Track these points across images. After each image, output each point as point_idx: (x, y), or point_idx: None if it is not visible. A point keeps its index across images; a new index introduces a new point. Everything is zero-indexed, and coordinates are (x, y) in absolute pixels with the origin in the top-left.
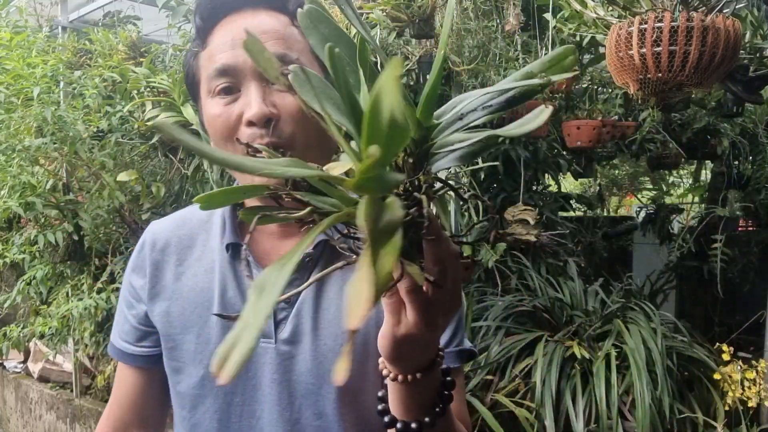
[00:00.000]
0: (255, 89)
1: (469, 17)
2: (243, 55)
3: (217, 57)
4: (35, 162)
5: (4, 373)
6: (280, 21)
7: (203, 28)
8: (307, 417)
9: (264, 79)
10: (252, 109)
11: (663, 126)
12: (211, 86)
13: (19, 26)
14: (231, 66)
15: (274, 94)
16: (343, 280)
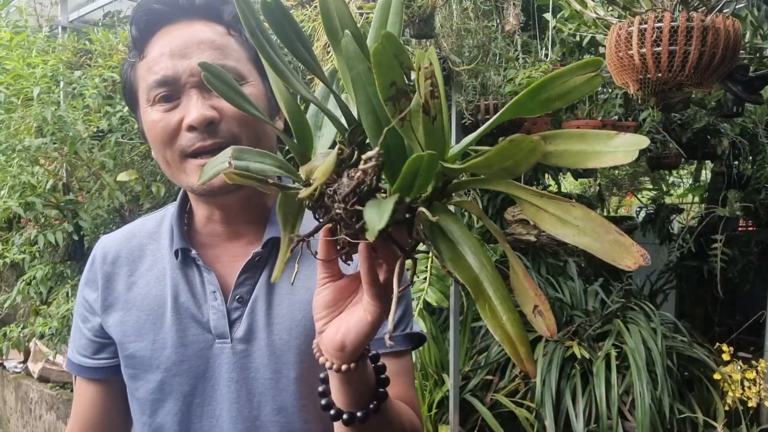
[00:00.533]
0: (195, 95)
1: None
2: (182, 65)
3: (156, 68)
4: (35, 162)
5: (4, 373)
6: (215, 31)
7: (140, 39)
8: (267, 413)
9: (203, 85)
10: (192, 115)
11: (663, 126)
12: (151, 95)
13: (19, 26)
14: (170, 76)
15: (213, 99)
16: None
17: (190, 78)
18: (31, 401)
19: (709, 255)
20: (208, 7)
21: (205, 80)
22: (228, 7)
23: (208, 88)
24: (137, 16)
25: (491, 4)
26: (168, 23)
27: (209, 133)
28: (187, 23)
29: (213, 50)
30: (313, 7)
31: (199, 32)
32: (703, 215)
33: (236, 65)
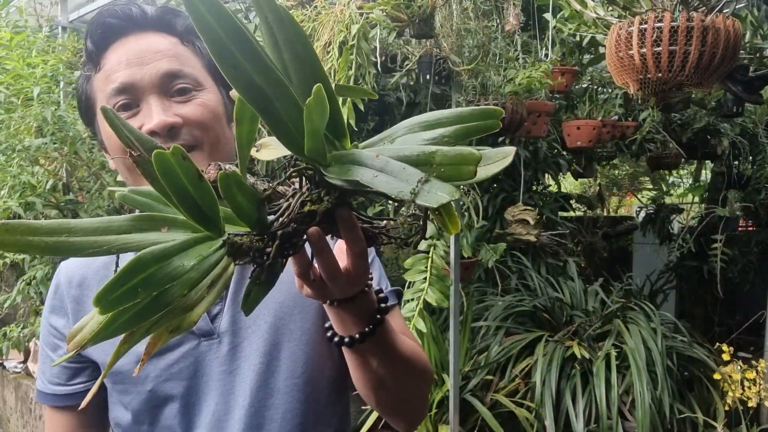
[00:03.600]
0: (155, 102)
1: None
2: (139, 73)
3: (113, 76)
4: (35, 162)
5: (4, 373)
6: (169, 41)
7: (95, 52)
8: (260, 399)
9: (162, 92)
10: (153, 121)
11: (663, 126)
12: (110, 104)
13: (19, 26)
14: (129, 83)
15: (174, 106)
16: None
17: (148, 85)
18: (31, 401)
19: (709, 255)
20: (160, 20)
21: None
22: (179, 19)
23: (167, 93)
24: (92, 30)
25: (491, 4)
26: (122, 36)
27: (171, 137)
28: (141, 35)
29: (169, 58)
30: (312, 7)
31: (153, 42)
32: (703, 215)
33: (193, 72)
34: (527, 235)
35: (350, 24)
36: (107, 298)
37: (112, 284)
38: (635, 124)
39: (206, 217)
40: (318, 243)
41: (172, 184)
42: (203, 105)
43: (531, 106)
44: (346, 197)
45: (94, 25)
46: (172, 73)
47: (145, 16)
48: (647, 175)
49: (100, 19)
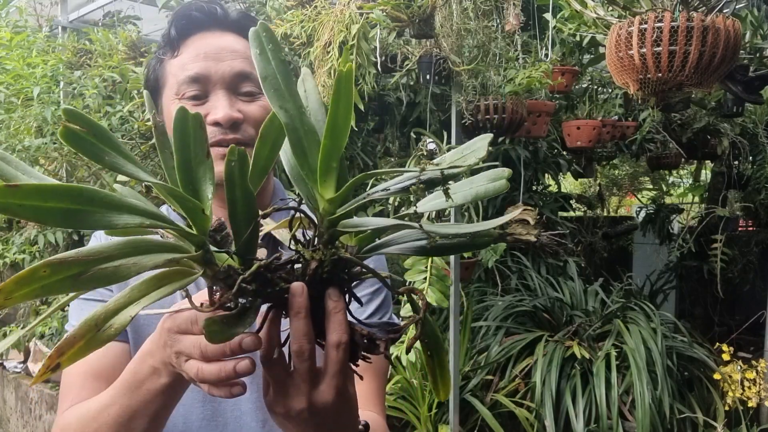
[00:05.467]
0: (223, 96)
1: (469, 17)
2: (214, 68)
3: (189, 66)
4: (35, 162)
5: (4, 373)
6: (244, 44)
7: (176, 39)
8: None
9: (231, 89)
10: (219, 113)
11: (663, 126)
12: (180, 91)
13: (19, 26)
14: (203, 75)
15: (239, 103)
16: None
17: (220, 80)
18: (31, 401)
19: (709, 255)
20: (238, 23)
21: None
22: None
23: (235, 91)
24: (177, 19)
25: (491, 4)
26: (203, 30)
27: (231, 130)
28: (220, 33)
29: (243, 59)
30: (312, 7)
31: (231, 42)
32: (703, 215)
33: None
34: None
35: (350, 24)
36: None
37: (40, 189)
38: (635, 124)
39: (196, 193)
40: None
41: (180, 144)
42: (264, 108)
43: (531, 106)
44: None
45: (180, 14)
46: (243, 74)
47: (227, 17)
48: (647, 175)
49: (186, 11)
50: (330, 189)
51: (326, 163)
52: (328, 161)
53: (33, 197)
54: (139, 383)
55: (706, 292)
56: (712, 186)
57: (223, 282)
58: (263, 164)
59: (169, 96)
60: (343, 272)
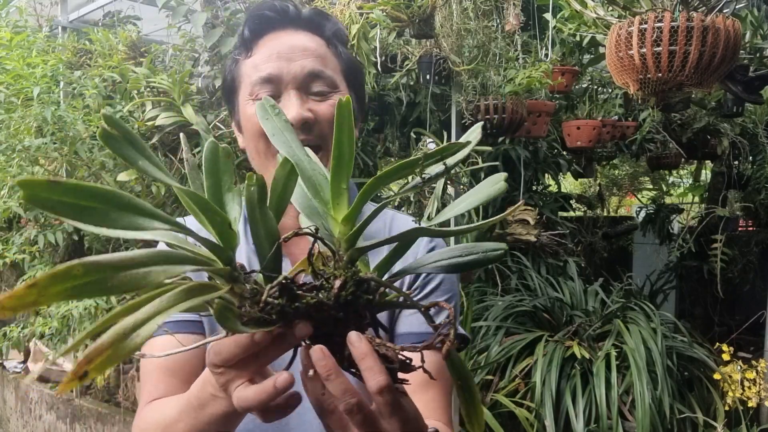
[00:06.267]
0: (295, 97)
1: (469, 17)
2: (286, 68)
3: (262, 66)
4: (35, 162)
5: (4, 373)
6: (317, 42)
7: (250, 39)
8: None
9: (303, 88)
10: (291, 113)
11: (663, 126)
12: (254, 91)
13: (19, 26)
14: (275, 75)
15: (310, 102)
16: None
17: (292, 80)
18: (31, 401)
19: (709, 255)
20: (311, 21)
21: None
22: (328, 23)
23: (306, 90)
24: (250, 20)
25: (491, 4)
26: (276, 29)
27: (303, 131)
28: (293, 31)
29: (315, 57)
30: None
31: (303, 40)
32: (703, 215)
33: (332, 74)
34: (527, 235)
35: (350, 24)
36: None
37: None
38: (635, 124)
39: (223, 220)
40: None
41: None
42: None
43: (531, 106)
44: (363, 288)
45: (253, 15)
46: (315, 73)
47: (299, 15)
48: (647, 175)
49: (259, 11)
50: (343, 209)
51: (336, 185)
52: (338, 184)
53: (72, 195)
54: (201, 406)
55: (706, 292)
56: (712, 186)
57: (250, 300)
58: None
59: (244, 96)
60: (366, 295)
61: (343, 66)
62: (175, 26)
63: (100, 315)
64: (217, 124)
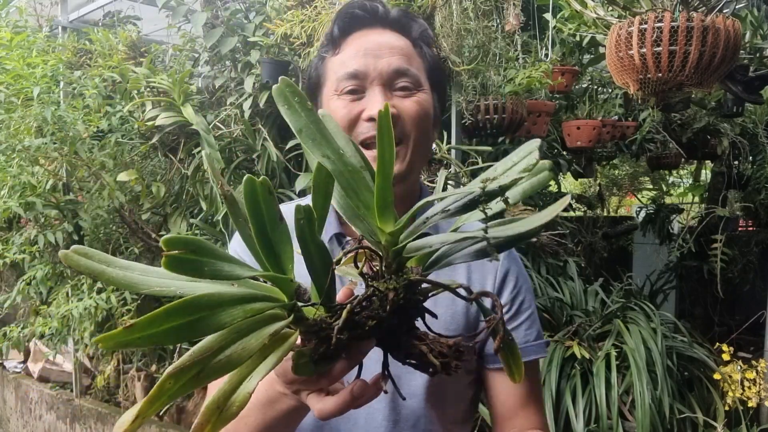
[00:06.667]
0: (379, 92)
1: (469, 17)
2: (372, 64)
3: (349, 62)
4: (35, 162)
5: (4, 373)
6: (404, 41)
7: (338, 37)
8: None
9: (387, 85)
10: (375, 109)
11: (663, 126)
12: (339, 87)
13: (19, 26)
14: (361, 71)
15: (394, 98)
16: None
17: (378, 76)
18: (31, 401)
19: (709, 255)
20: (399, 21)
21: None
22: (415, 24)
23: (391, 87)
24: (339, 18)
25: (491, 4)
26: (364, 27)
27: None
28: (380, 30)
29: (401, 56)
30: (312, 7)
31: (391, 39)
32: (703, 215)
33: (417, 73)
34: None
35: None
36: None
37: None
38: (635, 124)
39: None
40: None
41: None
42: (419, 103)
43: (531, 106)
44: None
45: (342, 13)
46: (401, 71)
47: (388, 14)
48: (647, 175)
49: (349, 9)
50: (390, 223)
51: (382, 199)
52: (384, 197)
53: (148, 328)
54: (270, 403)
55: (706, 292)
56: (712, 186)
57: (316, 335)
58: (320, 214)
59: (328, 92)
60: (415, 293)
61: (428, 66)
62: (175, 26)
63: (99, 315)
64: (217, 124)
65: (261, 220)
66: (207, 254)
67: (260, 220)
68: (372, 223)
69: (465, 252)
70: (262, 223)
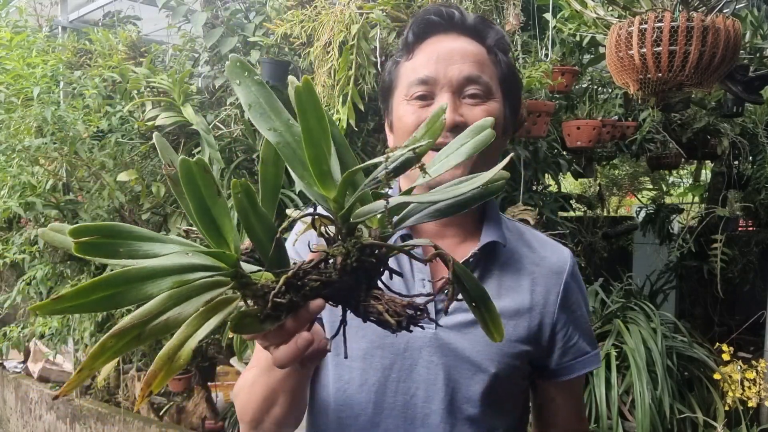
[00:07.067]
0: (448, 99)
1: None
2: (443, 71)
3: (420, 68)
4: (35, 162)
5: (4, 373)
6: (477, 48)
7: (412, 42)
8: (458, 400)
9: (457, 92)
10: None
11: (663, 126)
12: (409, 92)
13: (19, 26)
14: (431, 77)
15: (463, 106)
16: (499, 283)
17: (448, 83)
18: (31, 401)
19: (709, 255)
20: (475, 28)
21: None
22: (492, 31)
23: (461, 94)
24: (415, 24)
25: (491, 4)
26: (439, 33)
27: (452, 134)
28: (455, 36)
29: (473, 63)
30: (312, 7)
31: (464, 45)
32: (703, 215)
33: (489, 81)
34: None
35: (350, 24)
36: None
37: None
38: (635, 124)
39: (218, 231)
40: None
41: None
42: (488, 112)
43: (531, 106)
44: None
45: (418, 19)
46: (472, 78)
47: (464, 21)
48: (647, 175)
49: (425, 15)
50: (331, 190)
51: (318, 169)
52: (319, 167)
53: (75, 299)
54: (269, 368)
55: (706, 292)
56: (712, 186)
57: (262, 299)
58: (273, 183)
59: (399, 97)
60: (373, 255)
61: (501, 75)
62: (175, 26)
63: (99, 315)
64: (217, 124)
65: (200, 197)
66: (122, 237)
67: (199, 197)
68: (317, 191)
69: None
70: (201, 198)
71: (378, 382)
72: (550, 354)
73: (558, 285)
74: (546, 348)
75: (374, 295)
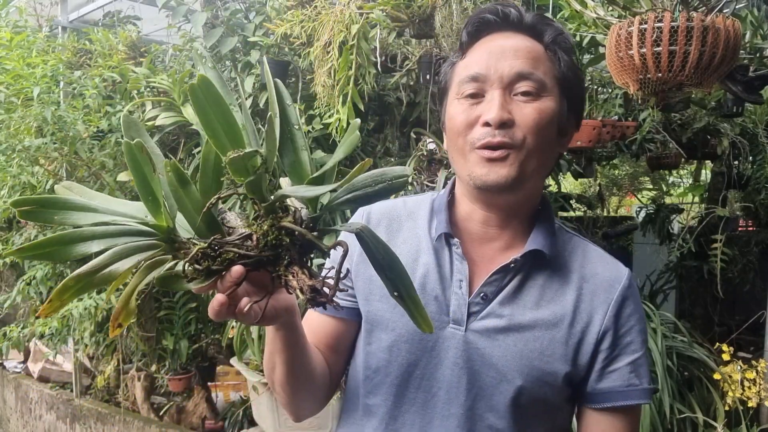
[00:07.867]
0: (498, 97)
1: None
2: (494, 67)
3: (472, 65)
4: (35, 162)
5: (4, 373)
6: (534, 45)
7: (467, 42)
8: (480, 407)
9: (507, 89)
10: (491, 113)
11: (663, 126)
12: (461, 90)
13: (19, 26)
14: (482, 74)
15: (513, 103)
16: (540, 293)
17: (498, 80)
18: (31, 401)
19: (709, 255)
20: (532, 26)
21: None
22: (550, 29)
23: (511, 91)
24: (470, 23)
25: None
26: (494, 31)
27: (500, 131)
28: (511, 34)
29: (527, 59)
30: (312, 7)
31: (518, 42)
32: (703, 215)
33: (543, 78)
34: None
35: (350, 24)
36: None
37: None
38: (635, 124)
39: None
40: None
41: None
42: (539, 111)
43: None
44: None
45: (473, 18)
46: (523, 74)
47: (521, 19)
48: (647, 175)
49: (480, 14)
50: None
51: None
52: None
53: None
54: (269, 330)
55: (706, 292)
56: (712, 186)
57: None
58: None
59: (451, 96)
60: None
61: (559, 72)
62: (175, 26)
63: (99, 315)
64: None
65: (141, 173)
66: (56, 207)
67: (140, 173)
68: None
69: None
70: (142, 175)
71: (401, 376)
72: (587, 376)
73: (607, 303)
74: (585, 368)
75: (292, 271)
